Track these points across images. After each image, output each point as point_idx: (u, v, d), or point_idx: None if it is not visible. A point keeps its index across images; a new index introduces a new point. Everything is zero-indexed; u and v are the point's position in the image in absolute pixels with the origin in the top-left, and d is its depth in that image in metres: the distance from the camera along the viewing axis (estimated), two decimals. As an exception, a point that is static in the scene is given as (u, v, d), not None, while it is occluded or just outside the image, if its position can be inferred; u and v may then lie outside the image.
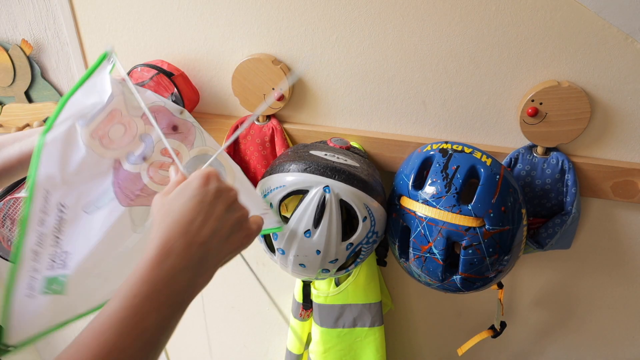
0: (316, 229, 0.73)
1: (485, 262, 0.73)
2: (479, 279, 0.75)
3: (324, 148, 0.81)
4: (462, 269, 0.74)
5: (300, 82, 0.89)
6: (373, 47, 0.83)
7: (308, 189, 0.73)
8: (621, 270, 0.91)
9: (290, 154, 0.79)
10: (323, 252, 0.74)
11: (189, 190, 0.50)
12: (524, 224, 0.75)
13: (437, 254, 0.73)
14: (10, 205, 1.02)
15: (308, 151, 0.79)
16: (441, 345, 1.12)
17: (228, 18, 0.87)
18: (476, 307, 1.04)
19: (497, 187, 0.72)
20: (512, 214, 0.72)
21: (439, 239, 0.72)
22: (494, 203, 0.71)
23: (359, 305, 0.93)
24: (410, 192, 0.75)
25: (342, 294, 0.92)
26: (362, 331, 0.95)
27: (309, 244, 0.74)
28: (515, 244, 0.74)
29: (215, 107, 0.97)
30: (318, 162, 0.74)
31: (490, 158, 0.74)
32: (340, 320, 0.94)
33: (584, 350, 1.02)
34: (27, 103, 1.04)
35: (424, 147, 0.78)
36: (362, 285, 0.92)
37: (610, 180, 0.81)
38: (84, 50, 0.98)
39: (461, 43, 0.79)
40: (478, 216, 0.70)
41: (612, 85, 0.76)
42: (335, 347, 0.96)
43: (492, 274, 0.75)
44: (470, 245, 0.72)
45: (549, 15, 0.74)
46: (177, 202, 0.49)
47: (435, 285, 0.78)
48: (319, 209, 0.72)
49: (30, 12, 0.96)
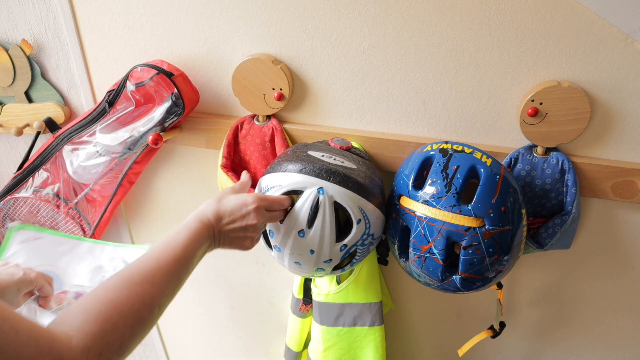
0: (310, 229, 0.74)
1: (485, 262, 0.73)
2: (479, 279, 0.75)
3: (323, 148, 0.81)
4: (462, 269, 0.74)
5: (300, 82, 0.89)
6: (373, 47, 0.83)
7: (303, 190, 0.74)
8: (621, 270, 0.91)
9: (289, 154, 0.80)
10: (317, 252, 0.75)
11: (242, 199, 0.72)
12: (523, 224, 0.75)
13: (437, 254, 0.73)
14: (10, 205, 1.02)
15: (306, 152, 0.79)
16: (441, 345, 1.12)
17: (228, 18, 0.87)
18: (476, 308, 1.04)
19: (497, 187, 0.71)
20: (512, 214, 0.72)
21: (438, 239, 0.72)
22: (494, 203, 0.71)
23: (359, 304, 0.93)
24: (410, 192, 0.75)
25: (342, 292, 0.92)
26: (362, 330, 0.94)
27: (302, 243, 0.75)
28: (515, 244, 0.74)
29: (215, 107, 0.97)
30: (314, 164, 0.74)
31: (491, 158, 0.74)
32: (341, 319, 0.94)
33: (584, 350, 1.02)
34: (27, 103, 1.04)
35: (424, 147, 0.78)
36: (363, 285, 0.92)
37: (610, 180, 0.81)
38: (84, 50, 0.98)
39: (461, 43, 0.79)
40: (478, 216, 0.70)
41: (612, 85, 0.76)
42: (335, 346, 0.96)
43: (492, 274, 0.75)
44: (470, 245, 0.71)
45: (549, 15, 0.74)
46: (232, 201, 0.72)
47: (434, 285, 0.78)
48: (313, 210, 0.73)
49: (30, 12, 0.96)
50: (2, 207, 1.02)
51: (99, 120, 0.94)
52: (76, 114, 1.06)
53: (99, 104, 0.93)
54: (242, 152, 0.95)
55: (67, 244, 0.97)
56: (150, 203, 1.13)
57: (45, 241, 0.96)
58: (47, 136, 1.02)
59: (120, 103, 0.92)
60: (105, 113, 0.93)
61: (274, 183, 0.77)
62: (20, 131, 1.01)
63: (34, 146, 1.03)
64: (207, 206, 0.71)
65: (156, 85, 0.89)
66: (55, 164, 1.00)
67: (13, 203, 1.01)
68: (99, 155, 0.96)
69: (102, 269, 0.93)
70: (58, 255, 0.96)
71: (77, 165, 0.97)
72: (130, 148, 0.95)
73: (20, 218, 1.03)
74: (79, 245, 0.97)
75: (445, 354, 1.13)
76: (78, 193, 1.02)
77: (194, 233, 0.66)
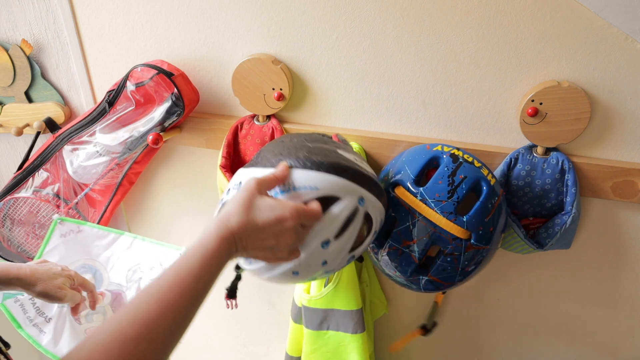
0: (336, 241, 0.64)
1: (457, 272, 0.74)
2: (444, 285, 0.77)
3: (344, 148, 0.71)
4: (433, 272, 0.75)
5: (300, 82, 0.89)
6: (373, 47, 0.83)
7: (339, 197, 0.63)
8: (621, 270, 0.91)
9: (317, 149, 0.66)
10: (329, 263, 0.66)
11: (279, 213, 0.58)
12: (497, 247, 0.77)
13: (416, 252, 0.74)
14: (10, 205, 1.02)
15: (336, 150, 0.68)
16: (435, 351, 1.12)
17: (228, 18, 0.87)
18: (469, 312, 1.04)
19: (494, 207, 0.73)
20: (496, 235, 0.74)
21: (425, 239, 0.73)
22: (486, 221, 0.72)
23: (340, 310, 0.92)
24: (411, 185, 0.75)
25: (324, 298, 0.91)
26: (346, 337, 0.94)
27: (320, 254, 0.65)
28: (484, 264, 0.76)
29: (215, 107, 0.97)
30: (353, 168, 0.65)
31: (495, 179, 0.75)
32: (324, 324, 0.94)
33: (584, 350, 1.02)
34: (27, 103, 1.04)
35: (433, 145, 0.78)
36: (342, 292, 0.90)
37: (610, 180, 0.81)
38: (84, 50, 0.98)
39: (461, 43, 0.79)
40: (469, 229, 0.71)
41: (612, 85, 0.76)
42: (320, 349, 0.96)
43: (457, 283, 0.77)
44: (451, 254, 0.73)
45: (549, 15, 0.74)
46: (265, 213, 0.57)
47: (396, 278, 0.79)
48: (347, 220, 0.64)
49: (30, 12, 0.96)
50: (2, 207, 1.02)
51: (99, 120, 0.94)
52: (76, 114, 1.06)
53: (99, 104, 0.93)
54: (242, 152, 0.95)
55: (107, 237, 0.96)
56: (150, 203, 1.13)
57: (86, 234, 0.95)
58: (47, 136, 1.02)
59: (120, 103, 0.92)
60: (105, 113, 0.93)
61: (309, 183, 0.63)
62: (20, 131, 1.01)
63: (34, 146, 1.03)
64: (233, 213, 0.56)
65: (156, 85, 0.89)
66: (55, 164, 1.00)
67: (13, 203, 1.01)
68: (99, 155, 0.96)
69: (139, 268, 0.93)
70: (98, 250, 0.95)
71: (77, 165, 0.97)
72: (130, 148, 0.95)
73: (20, 218, 1.03)
74: (118, 239, 0.96)
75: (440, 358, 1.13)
76: (78, 193, 1.02)
77: (210, 256, 0.53)
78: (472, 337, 1.07)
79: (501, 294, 1.00)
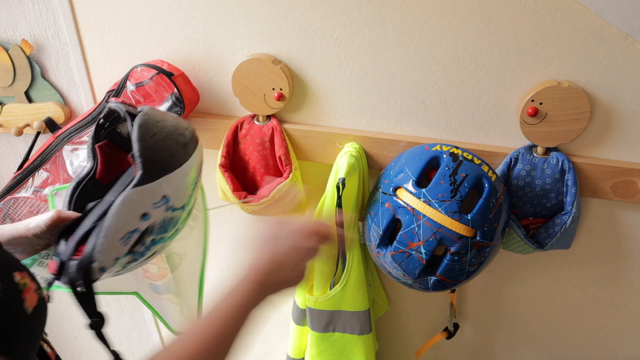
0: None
1: (465, 270, 0.75)
2: (452, 284, 0.77)
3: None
4: (441, 271, 0.75)
5: (300, 82, 0.89)
6: (373, 47, 0.83)
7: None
8: (621, 270, 0.91)
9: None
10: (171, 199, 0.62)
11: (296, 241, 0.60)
12: (502, 242, 0.78)
13: (423, 253, 0.74)
14: (10, 205, 1.02)
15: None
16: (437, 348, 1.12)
17: (228, 18, 0.87)
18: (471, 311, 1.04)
19: (497, 203, 0.73)
20: (501, 231, 0.75)
21: (431, 240, 0.73)
22: (490, 218, 0.72)
23: (347, 312, 0.92)
24: (413, 187, 0.75)
25: (331, 300, 0.90)
26: (352, 338, 0.94)
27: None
28: (489, 260, 0.76)
29: (215, 107, 0.97)
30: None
31: (495, 175, 0.75)
32: (330, 325, 0.94)
33: (584, 350, 1.02)
34: (27, 103, 1.04)
35: (432, 145, 0.78)
36: (350, 293, 0.90)
37: (610, 180, 0.81)
38: (84, 50, 0.98)
39: (461, 43, 0.79)
40: (474, 227, 0.72)
41: (612, 85, 0.76)
42: (326, 351, 0.96)
43: (463, 281, 0.77)
44: (458, 253, 0.73)
45: (549, 16, 0.74)
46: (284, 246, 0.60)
47: (405, 280, 0.79)
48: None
49: (30, 12, 0.96)
50: (2, 207, 1.01)
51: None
52: (76, 114, 1.06)
53: (99, 104, 0.93)
54: (242, 152, 0.95)
55: None
56: (150, 203, 1.13)
57: None
58: (47, 136, 1.02)
59: (120, 103, 0.92)
60: (105, 113, 0.93)
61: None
62: (20, 131, 1.01)
63: (34, 146, 1.03)
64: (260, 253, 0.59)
65: (156, 85, 0.89)
66: (56, 164, 1.00)
67: (13, 203, 1.01)
68: (99, 155, 0.96)
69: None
70: None
71: (77, 165, 0.97)
72: (130, 148, 0.95)
73: (20, 218, 1.03)
74: None
75: (442, 356, 1.13)
76: (78, 193, 1.02)
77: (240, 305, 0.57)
78: (472, 337, 1.07)
79: (501, 294, 1.00)
